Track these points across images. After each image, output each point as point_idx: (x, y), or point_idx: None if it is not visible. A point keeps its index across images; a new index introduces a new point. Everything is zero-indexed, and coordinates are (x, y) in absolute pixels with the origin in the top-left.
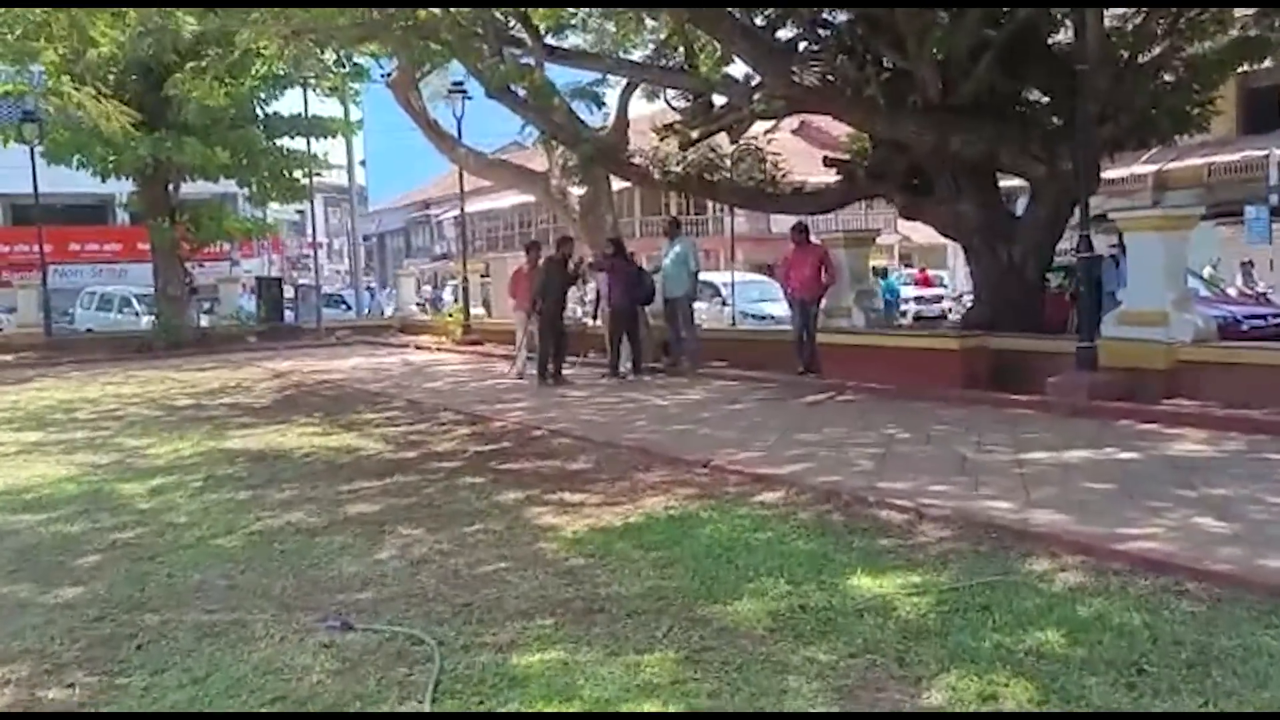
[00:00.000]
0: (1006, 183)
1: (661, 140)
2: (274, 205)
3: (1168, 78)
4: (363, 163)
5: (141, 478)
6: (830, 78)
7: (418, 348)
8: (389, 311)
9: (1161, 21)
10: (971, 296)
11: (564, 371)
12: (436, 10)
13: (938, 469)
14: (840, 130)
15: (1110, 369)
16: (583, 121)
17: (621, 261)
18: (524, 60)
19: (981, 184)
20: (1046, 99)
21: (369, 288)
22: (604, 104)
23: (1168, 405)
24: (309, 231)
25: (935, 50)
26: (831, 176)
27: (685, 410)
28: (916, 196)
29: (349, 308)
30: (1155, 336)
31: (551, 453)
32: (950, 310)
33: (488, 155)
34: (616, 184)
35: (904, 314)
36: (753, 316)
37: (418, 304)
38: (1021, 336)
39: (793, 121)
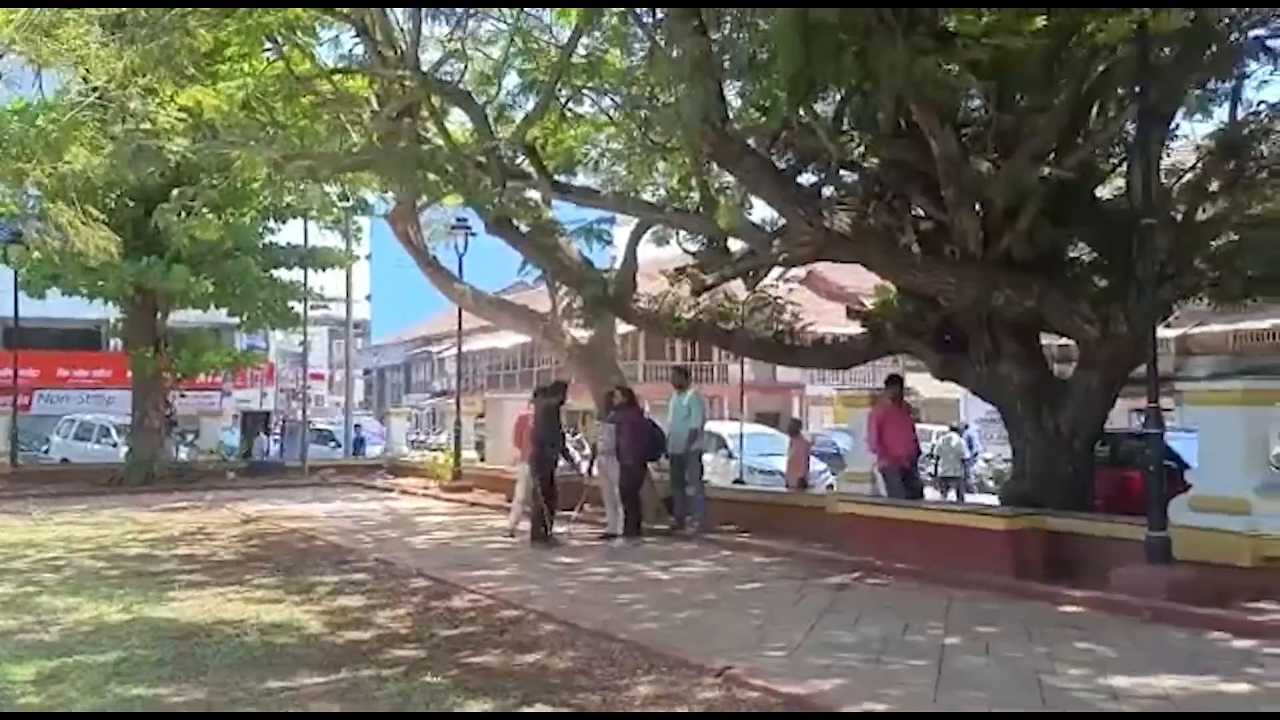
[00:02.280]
0: (1047, 340)
1: (672, 285)
2: (278, 335)
3: (1233, 237)
4: (368, 297)
5: (43, 656)
6: (862, 223)
7: (404, 492)
8: (373, 451)
9: (1217, 180)
10: (1009, 467)
11: (555, 529)
12: (439, 140)
13: (1011, 699)
14: (851, 281)
15: (1184, 563)
16: (589, 262)
17: (634, 414)
18: (529, 195)
19: (1024, 344)
20: (1094, 255)
21: (356, 426)
22: (612, 242)
23: (1262, 614)
24: (312, 362)
25: (973, 201)
26: (844, 327)
27: (690, 589)
28: (951, 355)
29: (339, 445)
30: (1236, 527)
31: (532, 643)
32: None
33: (488, 294)
34: (621, 327)
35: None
36: (761, 472)
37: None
38: (1079, 517)
39: (799, 270)
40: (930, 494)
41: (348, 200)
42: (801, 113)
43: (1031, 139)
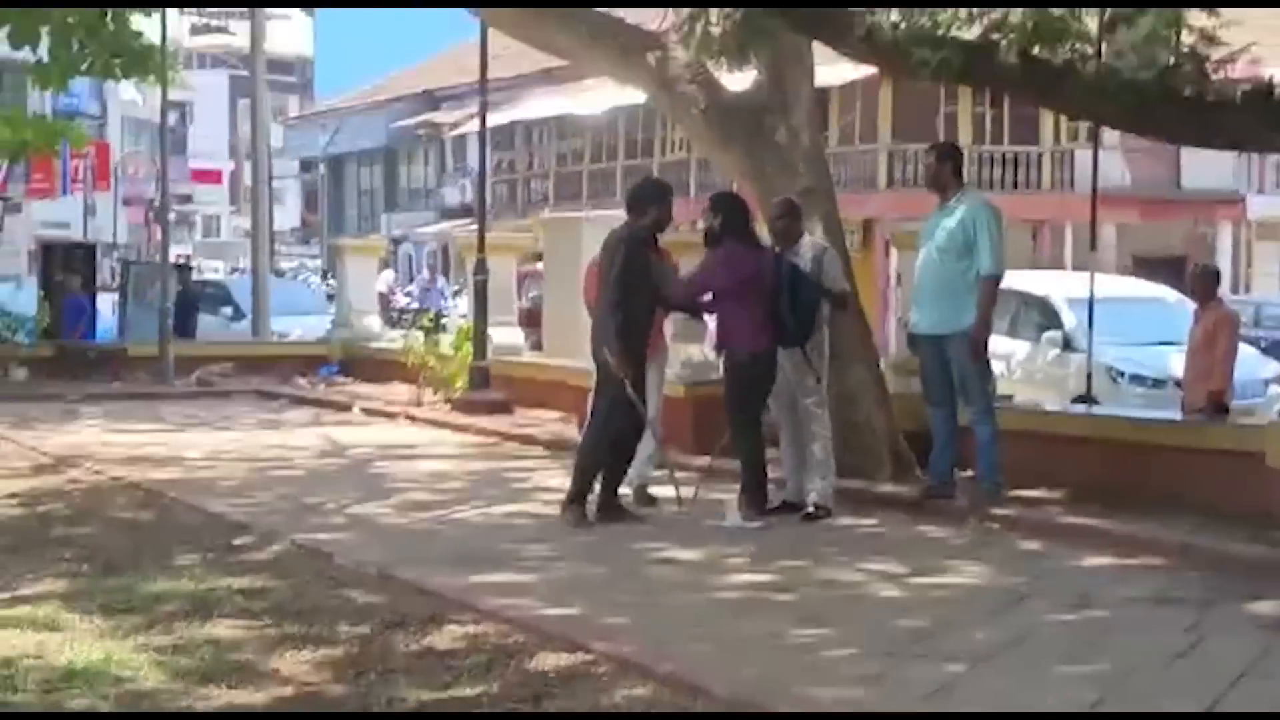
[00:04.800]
0: None
1: None
2: (122, 91)
3: None
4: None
5: None
6: None
7: (370, 411)
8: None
9: None
10: None
11: (622, 491)
12: None
13: None
14: None
15: None
16: None
17: (737, 247)
18: None
19: None
20: None
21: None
22: None
23: None
24: (189, 149)
25: None
26: None
27: (949, 619)
28: None
29: (241, 314)
30: None
31: None
32: None
33: None
34: (829, 67)
35: None
36: (1138, 380)
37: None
38: None
39: None
40: None
41: None
42: None
43: None
